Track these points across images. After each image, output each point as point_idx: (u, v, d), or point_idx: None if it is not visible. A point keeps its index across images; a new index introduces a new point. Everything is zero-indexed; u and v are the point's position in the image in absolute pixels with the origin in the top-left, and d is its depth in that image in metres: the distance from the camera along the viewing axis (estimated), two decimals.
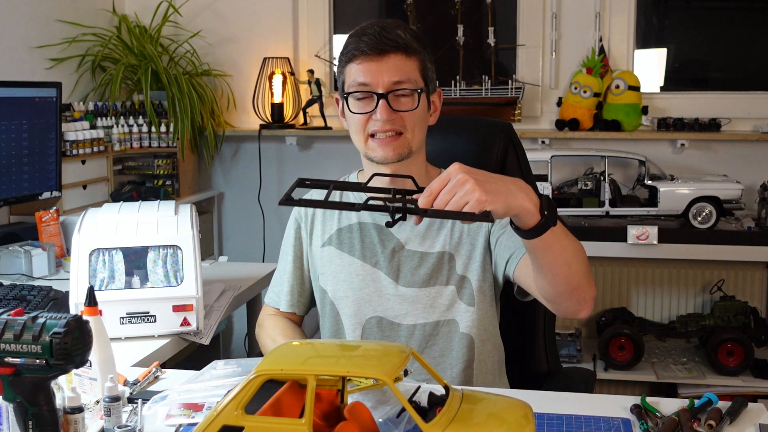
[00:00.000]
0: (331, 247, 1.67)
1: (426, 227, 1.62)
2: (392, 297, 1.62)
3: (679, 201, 2.89)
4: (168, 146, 3.25)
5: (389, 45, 1.52)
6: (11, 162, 2.48)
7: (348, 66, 1.55)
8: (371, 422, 1.11)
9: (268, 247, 3.52)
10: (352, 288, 1.63)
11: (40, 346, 1.06)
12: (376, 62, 1.52)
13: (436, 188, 1.20)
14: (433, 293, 1.60)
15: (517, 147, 1.85)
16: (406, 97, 1.53)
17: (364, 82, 1.52)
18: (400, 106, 1.53)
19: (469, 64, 3.39)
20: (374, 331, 1.62)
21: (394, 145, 1.54)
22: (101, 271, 1.74)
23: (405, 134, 1.54)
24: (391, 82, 1.51)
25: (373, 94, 1.52)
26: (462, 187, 1.18)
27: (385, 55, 1.52)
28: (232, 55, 3.51)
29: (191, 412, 1.28)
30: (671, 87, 3.38)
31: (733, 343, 2.94)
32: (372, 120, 1.53)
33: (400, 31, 1.53)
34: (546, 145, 3.23)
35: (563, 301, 1.39)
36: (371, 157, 1.57)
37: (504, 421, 1.04)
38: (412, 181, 1.32)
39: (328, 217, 1.70)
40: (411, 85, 1.53)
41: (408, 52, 1.53)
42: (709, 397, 1.31)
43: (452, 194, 1.18)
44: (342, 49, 1.58)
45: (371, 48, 1.51)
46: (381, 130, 1.53)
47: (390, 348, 1.13)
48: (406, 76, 1.52)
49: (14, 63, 2.88)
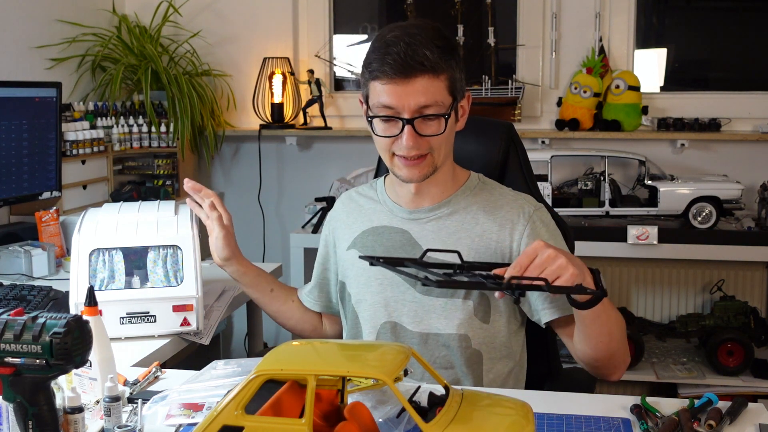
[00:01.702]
0: (355, 249, 1.67)
1: (449, 235, 1.59)
2: (408, 303, 1.59)
3: (679, 201, 2.89)
4: (168, 146, 3.25)
5: (416, 68, 1.43)
6: (11, 162, 2.48)
7: (372, 83, 1.49)
8: (371, 422, 1.11)
9: (268, 247, 3.52)
10: (370, 291, 1.62)
11: (40, 346, 1.06)
12: (401, 85, 1.44)
13: (525, 263, 1.23)
14: (449, 305, 1.57)
15: (518, 147, 1.85)
16: (433, 120, 1.48)
17: (389, 105, 1.46)
18: (426, 130, 1.48)
19: (469, 64, 3.38)
20: (388, 337, 1.60)
21: (420, 167, 1.51)
22: (101, 271, 1.74)
23: (430, 154, 1.51)
24: (418, 106, 1.45)
25: (399, 119, 1.47)
26: (553, 261, 1.24)
27: (412, 77, 1.44)
28: (232, 55, 3.51)
29: (191, 412, 1.28)
30: (671, 87, 3.38)
31: (733, 343, 2.94)
32: (397, 143, 1.50)
33: (427, 50, 1.43)
34: (546, 145, 3.23)
35: (600, 366, 1.50)
36: (397, 175, 1.56)
37: (504, 421, 1.04)
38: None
39: (353, 220, 1.70)
40: (437, 109, 1.47)
41: (436, 72, 1.45)
42: (709, 397, 1.31)
43: (542, 268, 1.24)
44: (365, 59, 1.50)
45: (396, 71, 1.43)
46: (407, 155, 1.50)
47: (390, 348, 1.13)
48: (433, 99, 1.46)
49: (14, 63, 2.88)
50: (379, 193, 1.69)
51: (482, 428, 1.02)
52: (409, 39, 1.44)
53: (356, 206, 1.71)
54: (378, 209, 1.67)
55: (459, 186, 1.63)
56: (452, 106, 1.50)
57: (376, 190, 1.71)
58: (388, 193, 1.67)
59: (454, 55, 1.50)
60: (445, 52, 1.47)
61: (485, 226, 1.58)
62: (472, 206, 1.60)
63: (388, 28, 1.50)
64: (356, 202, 1.72)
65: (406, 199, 1.63)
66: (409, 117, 1.46)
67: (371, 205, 1.69)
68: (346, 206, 1.73)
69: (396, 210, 1.64)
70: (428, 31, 1.47)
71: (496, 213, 1.59)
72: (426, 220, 1.61)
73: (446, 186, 1.61)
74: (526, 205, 1.60)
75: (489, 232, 1.58)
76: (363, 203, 1.70)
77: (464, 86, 1.55)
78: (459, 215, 1.60)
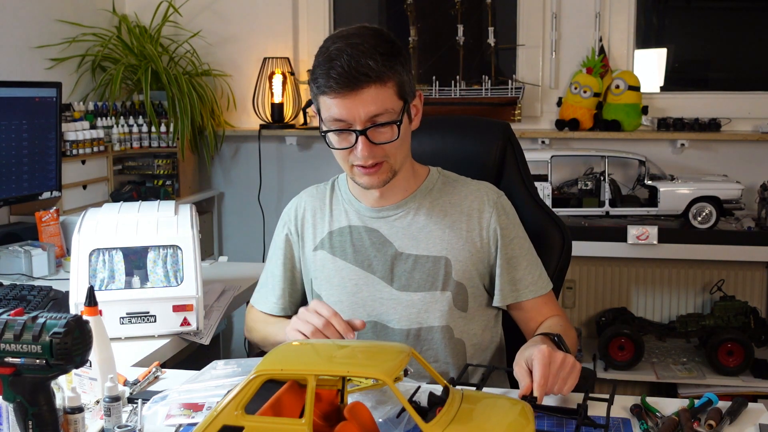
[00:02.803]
0: (324, 251, 1.66)
1: (419, 230, 1.61)
2: (387, 301, 1.61)
3: (679, 201, 2.89)
4: (168, 146, 3.25)
5: (361, 80, 1.43)
6: (11, 162, 2.48)
7: (321, 97, 1.48)
8: (371, 422, 1.11)
9: (268, 247, 3.50)
10: (346, 292, 1.63)
11: (40, 346, 1.06)
12: (350, 98, 1.44)
13: (543, 378, 1.27)
14: (428, 298, 1.59)
15: (515, 146, 1.85)
16: (384, 128, 1.48)
17: (340, 118, 1.46)
18: (380, 138, 1.48)
19: (469, 64, 3.39)
20: (368, 336, 1.61)
21: (378, 174, 1.53)
22: (101, 271, 1.74)
23: (386, 162, 1.52)
24: (369, 116, 1.45)
25: (351, 131, 1.47)
26: (572, 369, 1.31)
27: (358, 89, 1.43)
28: (232, 55, 3.51)
29: (191, 412, 1.28)
30: (671, 87, 3.38)
31: (733, 343, 2.94)
32: (353, 154, 1.50)
33: (371, 61, 1.43)
34: (546, 145, 3.23)
35: None
36: (358, 183, 1.57)
37: (504, 421, 1.04)
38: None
39: (318, 220, 1.69)
40: (389, 117, 1.47)
41: (382, 80, 1.45)
42: (709, 397, 1.31)
43: (562, 378, 1.30)
44: (312, 72, 1.50)
45: (342, 85, 1.43)
46: (364, 164, 1.50)
47: (390, 348, 1.13)
48: (383, 107, 1.46)
49: (14, 63, 2.88)
50: (343, 192, 1.69)
51: (482, 428, 1.02)
52: (351, 50, 1.43)
53: (320, 205, 1.70)
54: (343, 209, 1.67)
55: (421, 181, 1.65)
56: (403, 109, 1.51)
57: (339, 189, 1.70)
58: (352, 191, 1.67)
59: (399, 58, 1.49)
60: (390, 58, 1.46)
61: (454, 217, 1.61)
62: (438, 199, 1.63)
63: (330, 38, 1.49)
64: (320, 200, 1.70)
65: (370, 198, 1.63)
66: (361, 128, 1.47)
67: (336, 205, 1.68)
68: (309, 205, 1.71)
69: (362, 209, 1.65)
70: (370, 39, 1.46)
71: (462, 203, 1.62)
72: (394, 218, 1.63)
73: (408, 183, 1.63)
74: (490, 192, 1.65)
75: (458, 222, 1.61)
76: (326, 202, 1.69)
77: (413, 86, 1.56)
78: (426, 209, 1.62)
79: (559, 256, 1.78)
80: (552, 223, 1.80)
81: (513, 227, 1.64)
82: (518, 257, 1.62)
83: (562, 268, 1.79)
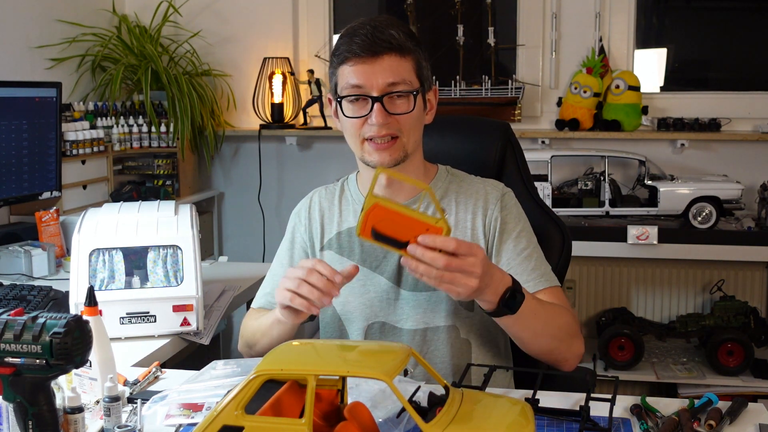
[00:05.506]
0: (331, 251, 1.66)
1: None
2: (395, 302, 1.60)
3: (679, 201, 2.89)
4: (168, 146, 3.25)
5: (383, 46, 1.47)
6: (11, 162, 2.48)
7: (340, 68, 1.51)
8: (371, 422, 1.11)
9: (268, 247, 3.52)
10: (354, 293, 1.62)
11: (40, 346, 1.06)
12: (369, 64, 1.47)
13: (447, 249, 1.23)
14: (434, 298, 1.58)
15: (515, 146, 1.85)
16: (401, 98, 1.50)
17: (358, 84, 1.48)
18: (395, 109, 1.50)
19: (469, 64, 3.39)
20: (377, 336, 1.61)
21: (390, 150, 1.52)
22: (101, 271, 1.74)
23: (401, 138, 1.52)
24: (386, 83, 1.48)
25: (368, 97, 1.49)
26: (468, 276, 1.25)
27: (379, 56, 1.47)
28: (232, 55, 3.51)
29: (191, 412, 1.28)
30: (671, 87, 3.38)
31: (733, 343, 2.94)
32: (367, 124, 1.50)
33: (393, 31, 1.48)
34: (546, 145, 3.23)
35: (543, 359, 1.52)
36: (367, 161, 1.55)
37: (504, 421, 1.04)
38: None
39: (327, 220, 1.68)
40: (406, 87, 1.49)
41: (402, 52, 1.49)
42: (709, 397, 1.32)
43: (452, 276, 1.25)
44: (333, 50, 1.54)
45: (364, 50, 1.47)
46: (377, 135, 1.50)
47: (390, 348, 1.13)
48: (401, 77, 1.49)
49: (14, 63, 2.88)
50: (353, 192, 1.68)
51: (482, 428, 1.02)
52: (375, 23, 1.49)
53: (329, 205, 1.69)
54: (352, 209, 1.66)
55: (430, 179, 1.65)
56: (420, 89, 1.52)
57: (348, 189, 1.70)
58: (362, 191, 1.66)
59: (420, 45, 1.54)
60: (412, 37, 1.52)
61: (459, 216, 1.61)
62: (445, 197, 1.63)
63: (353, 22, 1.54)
64: (329, 200, 1.70)
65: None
66: (378, 95, 1.48)
67: (345, 205, 1.68)
68: (318, 205, 1.70)
69: None
70: (393, 20, 1.53)
71: (468, 202, 1.62)
72: None
73: (418, 179, 1.62)
74: (496, 189, 1.63)
75: (463, 221, 1.60)
76: (336, 203, 1.68)
77: (431, 79, 1.58)
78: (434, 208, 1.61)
79: (559, 256, 1.78)
80: (552, 223, 1.80)
81: (516, 221, 1.60)
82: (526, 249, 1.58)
83: (562, 269, 1.79)
